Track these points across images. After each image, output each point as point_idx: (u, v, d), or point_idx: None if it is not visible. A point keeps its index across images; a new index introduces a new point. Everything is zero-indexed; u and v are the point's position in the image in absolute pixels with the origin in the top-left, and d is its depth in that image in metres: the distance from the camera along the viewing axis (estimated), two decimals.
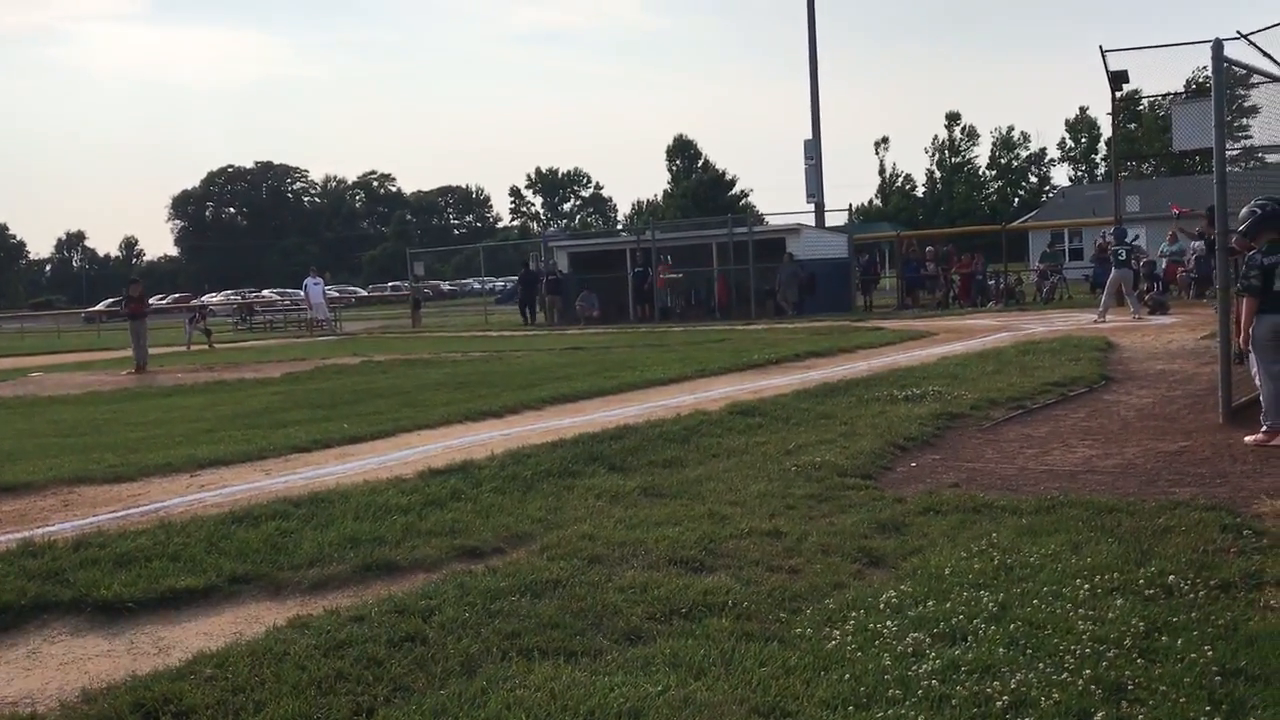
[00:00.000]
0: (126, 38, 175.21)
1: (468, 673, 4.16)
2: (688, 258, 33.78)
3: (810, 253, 30.78)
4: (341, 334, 34.94)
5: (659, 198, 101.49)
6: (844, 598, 4.83)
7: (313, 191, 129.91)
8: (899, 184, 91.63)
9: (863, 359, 15.76)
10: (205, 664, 4.32)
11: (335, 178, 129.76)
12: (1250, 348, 8.25)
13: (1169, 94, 29.52)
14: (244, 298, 62.84)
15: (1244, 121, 13.46)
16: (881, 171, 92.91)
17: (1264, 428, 8.08)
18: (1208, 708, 3.52)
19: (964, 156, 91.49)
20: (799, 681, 3.91)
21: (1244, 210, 8.29)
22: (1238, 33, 9.75)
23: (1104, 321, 20.28)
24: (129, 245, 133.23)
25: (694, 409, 10.45)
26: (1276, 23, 9.47)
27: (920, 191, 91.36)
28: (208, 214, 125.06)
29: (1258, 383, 8.25)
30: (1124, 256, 22.00)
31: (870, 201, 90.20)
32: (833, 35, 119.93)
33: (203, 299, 52.98)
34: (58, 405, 15.08)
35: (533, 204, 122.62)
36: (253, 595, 5.46)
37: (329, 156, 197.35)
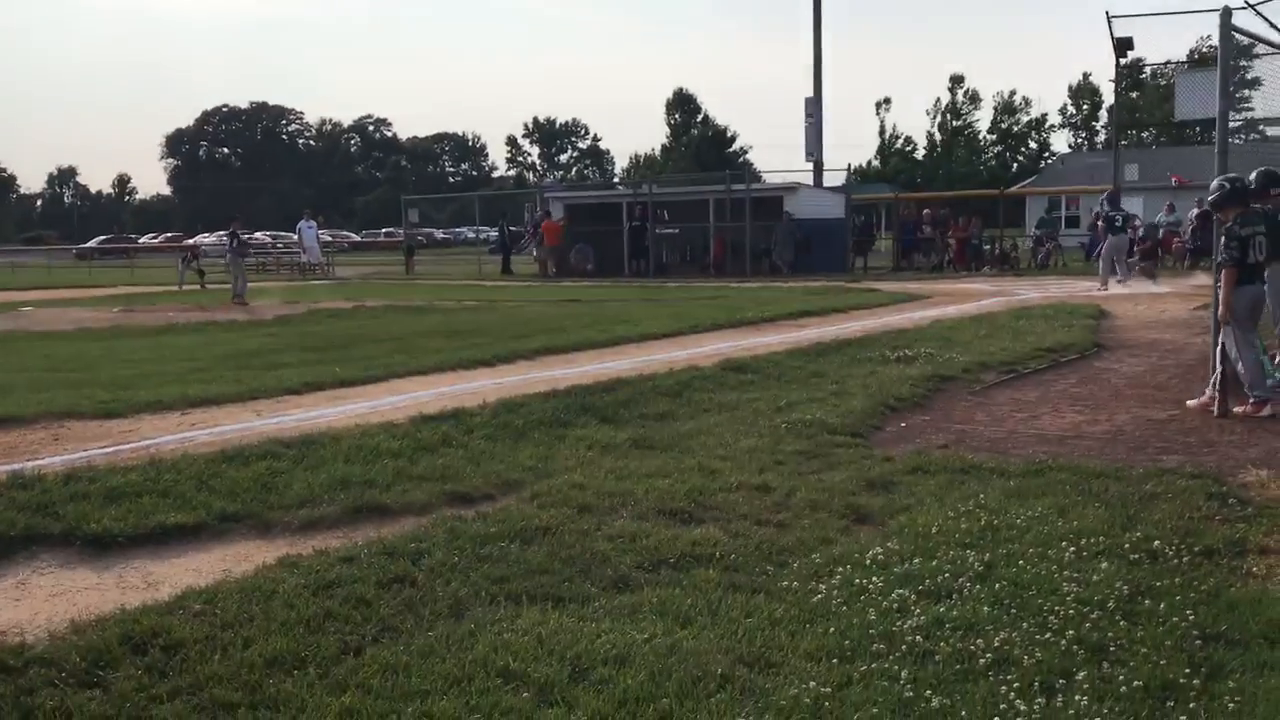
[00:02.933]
0: None
1: (455, 616, 4.20)
2: (685, 213, 33.64)
3: (807, 212, 30.63)
4: (334, 278, 34.83)
5: (657, 152, 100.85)
6: (831, 553, 4.86)
7: (308, 134, 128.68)
8: (899, 146, 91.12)
9: (856, 319, 15.76)
10: (194, 600, 4.35)
11: (331, 121, 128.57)
12: (1229, 320, 8.27)
13: (1172, 62, 29.36)
14: (220, 240, 62.42)
15: (1246, 93, 13.39)
16: (882, 132, 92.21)
17: (1250, 400, 8.12)
18: (1187, 670, 3.56)
19: (965, 120, 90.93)
20: (784, 633, 3.95)
21: (1214, 183, 8.34)
22: (1246, 2, 9.67)
23: (1106, 289, 20.29)
24: (122, 182, 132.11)
25: (687, 364, 10.46)
26: None
27: (920, 154, 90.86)
28: (201, 153, 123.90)
29: (1232, 355, 8.22)
30: (1120, 223, 21.92)
31: (869, 163, 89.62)
32: None
33: (196, 239, 52.61)
34: (49, 340, 15.04)
35: (529, 154, 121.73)
36: (242, 534, 5.48)
37: (325, 99, 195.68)
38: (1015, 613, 4.08)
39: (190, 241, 48.06)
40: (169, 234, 73.03)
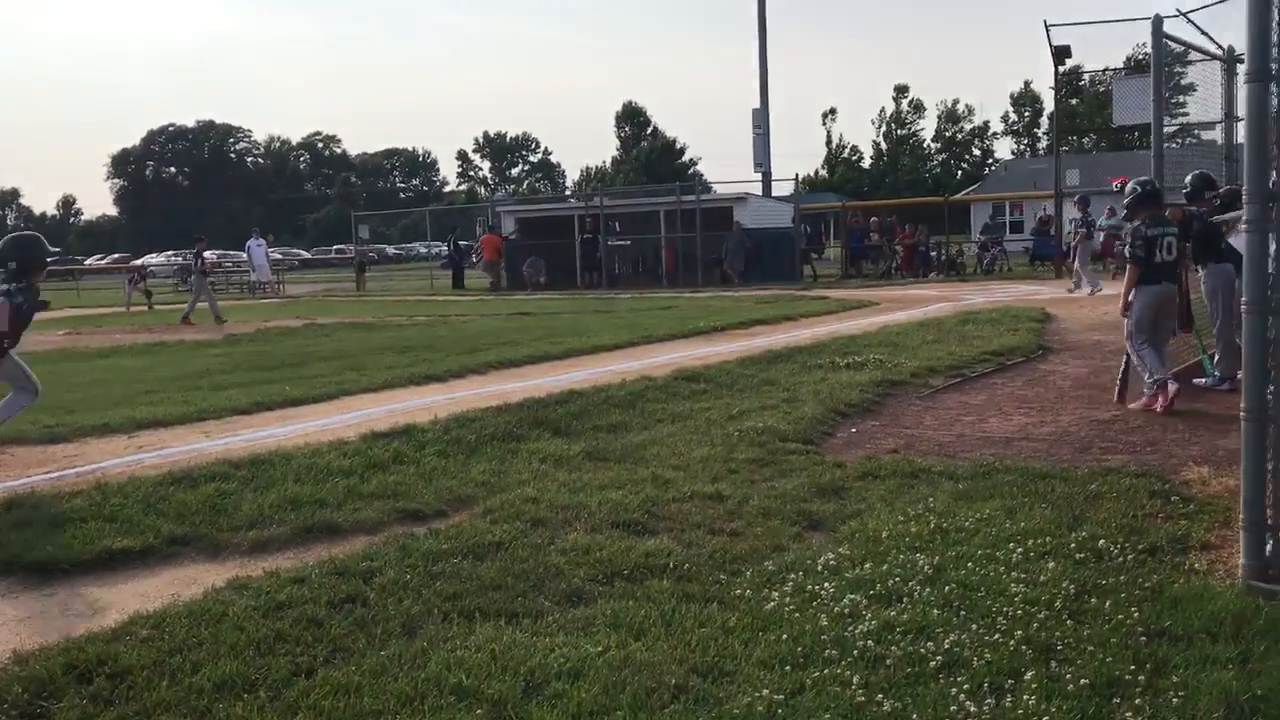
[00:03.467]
0: None
1: (408, 634, 4.17)
2: (636, 225, 33.71)
3: (757, 222, 30.83)
4: (284, 297, 34.50)
5: (607, 164, 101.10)
6: (783, 560, 4.89)
7: (256, 152, 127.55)
8: (846, 155, 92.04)
9: (807, 327, 15.87)
10: (141, 625, 4.29)
11: (279, 138, 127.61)
12: (1128, 314, 8.60)
13: (1109, 69, 29.93)
14: (185, 258, 61.67)
15: (1181, 98, 13.66)
16: (829, 142, 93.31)
17: (1145, 393, 8.37)
18: (1133, 667, 3.62)
19: (910, 129, 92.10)
20: (738, 642, 3.96)
21: (1129, 186, 8.65)
22: (1177, 10, 9.86)
23: (1081, 290, 20.42)
24: (66, 204, 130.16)
25: (640, 375, 10.48)
26: (1214, 1, 9.59)
27: (866, 163, 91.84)
28: (148, 173, 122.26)
29: (1129, 349, 8.54)
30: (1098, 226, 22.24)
31: (817, 172, 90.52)
32: (783, 3, 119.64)
33: (143, 259, 51.92)
34: None
35: (480, 168, 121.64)
36: (191, 557, 5.41)
37: (273, 117, 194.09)
38: (965, 615, 4.12)
39: (137, 262, 47.42)
40: (116, 255, 71.99)
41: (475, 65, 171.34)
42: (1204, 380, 9.42)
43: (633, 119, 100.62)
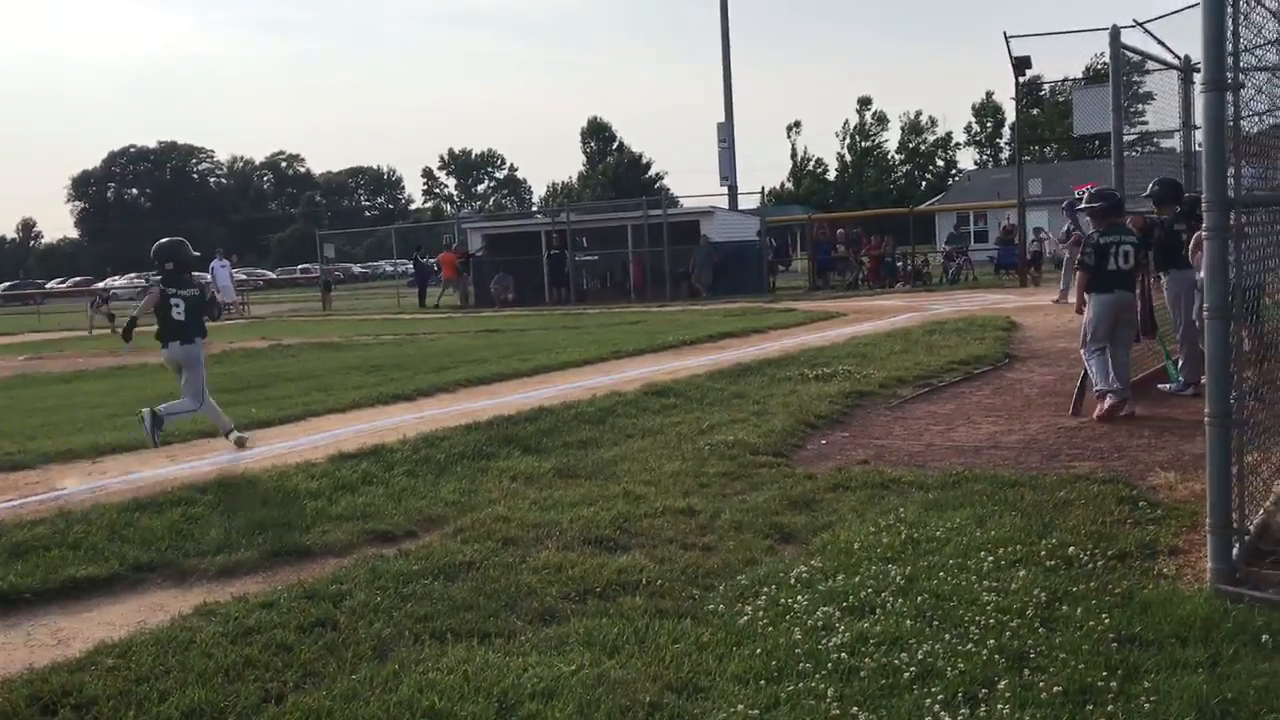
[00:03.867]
0: (17, 6, 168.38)
1: (379, 657, 4.13)
2: (603, 240, 33.73)
3: (724, 235, 30.93)
4: (249, 318, 34.23)
5: (574, 180, 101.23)
6: (756, 574, 4.89)
7: (219, 172, 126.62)
8: (811, 167, 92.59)
9: (775, 339, 15.91)
10: (106, 654, 4.22)
11: (242, 158, 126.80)
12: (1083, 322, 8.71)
13: (1068, 79, 30.29)
14: (148, 280, 61.08)
15: (1140, 107, 13.85)
16: (794, 155, 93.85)
17: (1097, 396, 8.46)
18: (1104, 673, 3.64)
19: (874, 141, 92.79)
20: (711, 657, 3.95)
21: (1087, 195, 8.85)
22: (1134, 21, 10.00)
23: (1070, 299, 20.48)
24: (26, 227, 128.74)
25: (610, 390, 10.47)
26: (1171, 11, 9.72)
27: (831, 175, 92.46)
28: (109, 195, 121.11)
29: (1084, 357, 8.67)
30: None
31: (783, 185, 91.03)
32: (746, 18, 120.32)
33: (105, 282, 51.38)
34: None
35: (446, 185, 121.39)
36: (157, 583, 5.34)
37: (235, 137, 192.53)
38: (937, 625, 4.13)
39: (99, 285, 46.90)
40: (77, 278, 71.22)
41: (439, 82, 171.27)
42: (1168, 386, 9.52)
43: (598, 134, 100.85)
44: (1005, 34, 25.40)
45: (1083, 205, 8.88)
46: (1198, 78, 4.53)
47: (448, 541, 5.61)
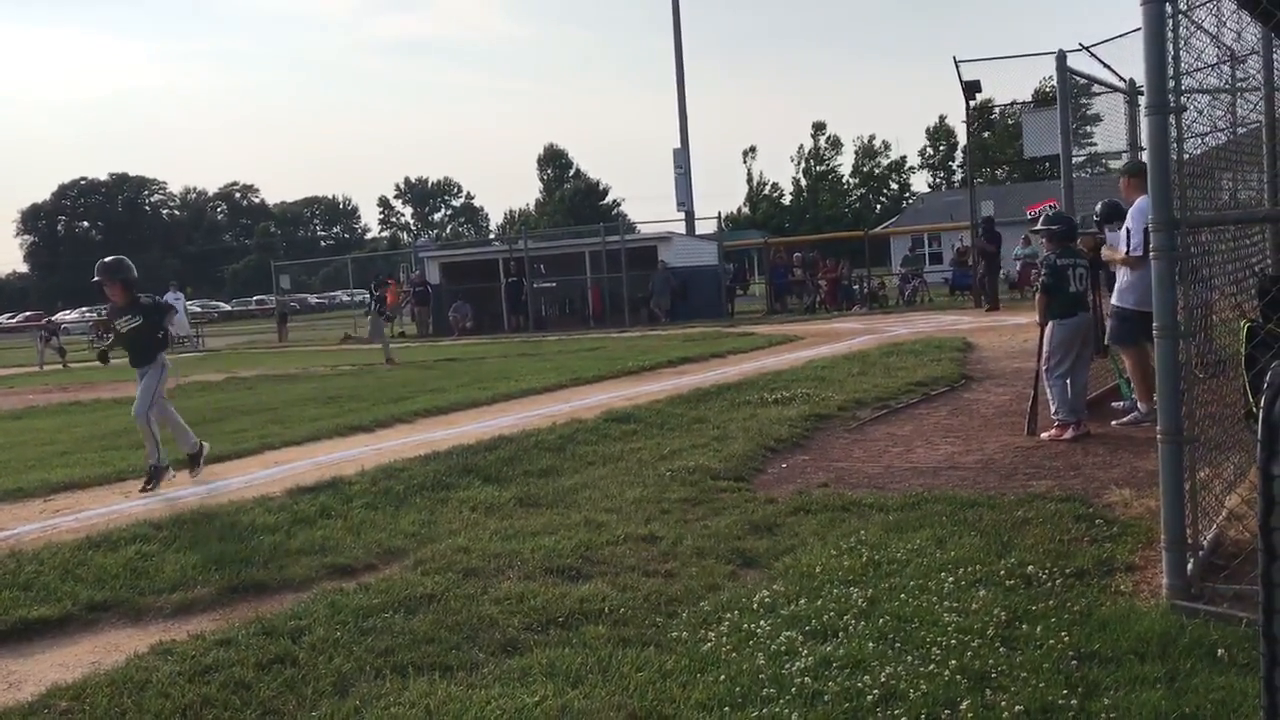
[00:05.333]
0: None
1: (340, 693, 4.08)
2: (562, 267, 33.77)
3: (682, 260, 31.10)
4: (204, 350, 33.87)
5: (531, 207, 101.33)
6: (719, 599, 4.88)
7: (172, 204, 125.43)
8: (767, 192, 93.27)
9: (734, 364, 15.97)
10: (60, 697, 4.14)
11: (195, 189, 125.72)
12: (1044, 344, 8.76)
13: (1018, 103, 30.79)
14: (100, 314, 60.22)
15: (1088, 129, 14.10)
16: (750, 180, 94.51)
17: (1055, 423, 8.53)
18: (1065, 691, 3.67)
19: (829, 165, 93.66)
20: (675, 685, 3.94)
21: (1043, 217, 8.97)
22: (1080, 45, 10.19)
23: None
24: None
25: (570, 418, 10.45)
26: (1115, 35, 9.93)
27: (787, 199, 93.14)
28: (60, 228, 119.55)
29: (1043, 379, 8.75)
30: None
31: (739, 210, 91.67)
32: (700, 45, 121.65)
33: (55, 316, 50.59)
34: None
35: (402, 214, 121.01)
36: (112, 623, 5.25)
37: (188, 168, 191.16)
38: (900, 647, 4.15)
39: (50, 319, 46.19)
40: (27, 313, 70.13)
41: (394, 111, 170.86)
42: (1121, 404, 9.63)
43: (555, 161, 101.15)
44: (955, 59, 25.83)
45: (1039, 227, 8.97)
46: (1142, 100, 4.62)
47: (408, 574, 5.56)
